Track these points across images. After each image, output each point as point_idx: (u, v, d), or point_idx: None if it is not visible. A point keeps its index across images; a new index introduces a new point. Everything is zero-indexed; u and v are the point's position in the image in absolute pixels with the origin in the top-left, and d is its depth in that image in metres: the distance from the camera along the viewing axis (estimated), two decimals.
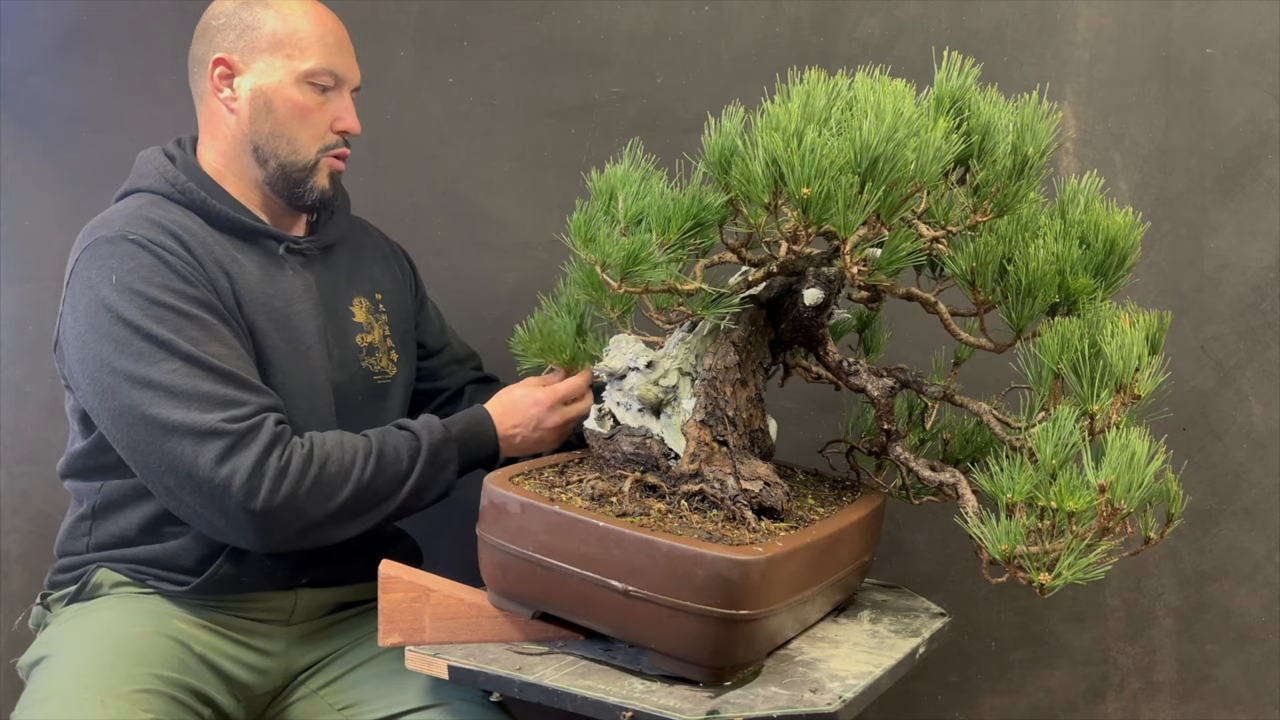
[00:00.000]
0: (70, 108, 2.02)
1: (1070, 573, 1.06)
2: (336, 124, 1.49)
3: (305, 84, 1.45)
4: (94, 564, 1.45)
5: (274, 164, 1.48)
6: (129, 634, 1.36)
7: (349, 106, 1.50)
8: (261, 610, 1.48)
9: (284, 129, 1.46)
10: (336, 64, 1.47)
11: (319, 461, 1.33)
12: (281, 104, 1.45)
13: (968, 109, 1.23)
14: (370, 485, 1.36)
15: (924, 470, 1.30)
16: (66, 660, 1.34)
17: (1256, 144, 1.71)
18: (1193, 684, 1.79)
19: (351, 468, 1.35)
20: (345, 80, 1.49)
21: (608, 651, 1.25)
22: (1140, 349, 1.16)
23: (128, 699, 1.27)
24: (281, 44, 1.45)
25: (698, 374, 1.31)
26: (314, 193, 1.50)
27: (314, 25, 1.46)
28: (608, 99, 1.89)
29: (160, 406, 1.29)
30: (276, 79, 1.45)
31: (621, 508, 1.22)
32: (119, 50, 2.00)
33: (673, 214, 1.22)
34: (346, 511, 1.35)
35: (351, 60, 1.50)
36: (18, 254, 2.07)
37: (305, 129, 1.47)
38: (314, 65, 1.45)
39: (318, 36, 1.46)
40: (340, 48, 1.48)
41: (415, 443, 1.41)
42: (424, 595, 1.29)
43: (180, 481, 1.31)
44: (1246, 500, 1.75)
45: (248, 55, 1.45)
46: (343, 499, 1.34)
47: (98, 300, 1.33)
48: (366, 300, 1.58)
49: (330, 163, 1.50)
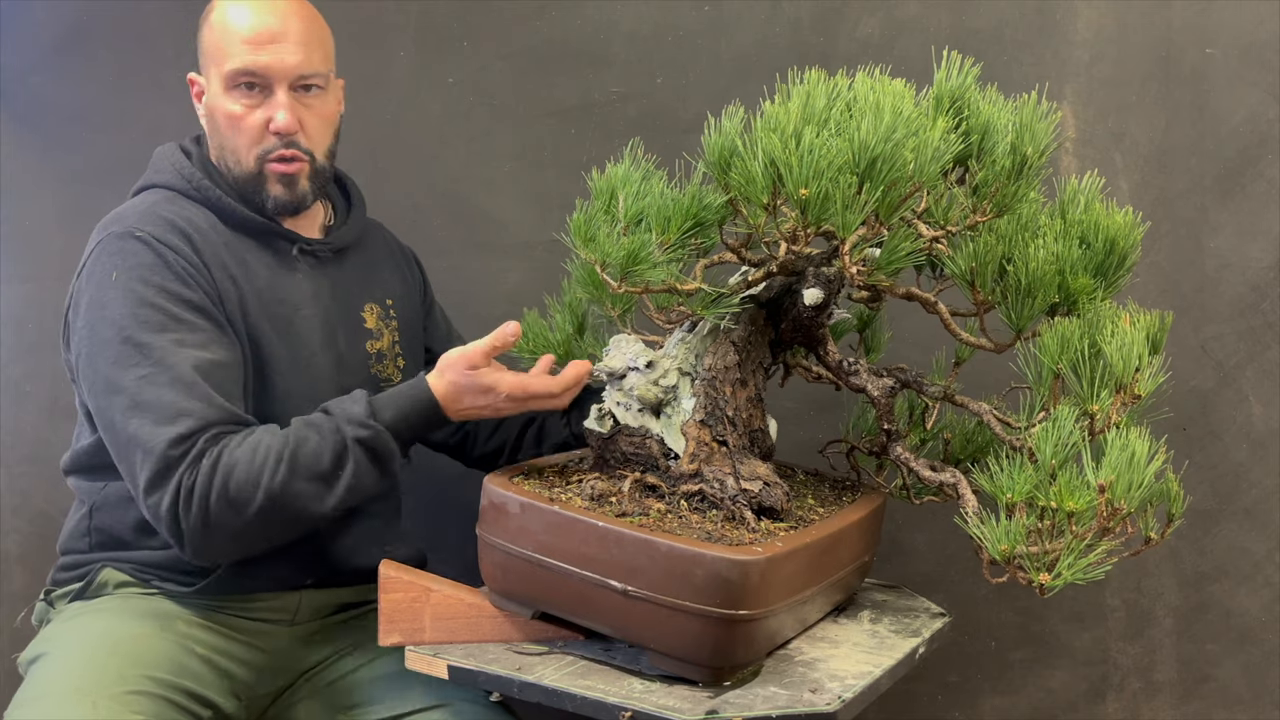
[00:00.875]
0: (70, 108, 2.02)
1: (1070, 573, 1.06)
2: (270, 126, 1.42)
3: (231, 91, 1.41)
4: (98, 563, 1.45)
5: (230, 177, 1.47)
6: (126, 635, 1.36)
7: (281, 103, 1.40)
8: (265, 610, 1.47)
9: (227, 141, 1.44)
10: (256, 61, 1.38)
11: (224, 473, 1.28)
12: (220, 116, 1.43)
13: (967, 109, 1.23)
14: (286, 490, 1.29)
15: (924, 470, 1.30)
16: (61, 659, 1.34)
17: (1256, 144, 1.71)
18: (1193, 684, 1.79)
19: (261, 473, 1.28)
20: (272, 75, 1.40)
21: (607, 651, 1.25)
22: (1140, 349, 1.16)
23: (119, 700, 1.26)
24: (213, 53, 1.42)
25: (697, 374, 1.31)
26: (271, 201, 1.45)
27: (237, 25, 1.40)
28: (608, 99, 1.89)
29: (122, 413, 1.30)
30: (214, 89, 1.43)
31: (621, 508, 1.22)
32: (119, 50, 2.00)
33: (673, 214, 1.22)
34: (268, 520, 1.30)
35: (285, 49, 1.40)
36: (18, 254, 2.07)
37: (240, 137, 1.42)
38: (230, 67, 1.39)
39: (239, 36, 1.39)
40: (265, 39, 1.39)
41: (338, 439, 1.32)
42: (424, 595, 1.29)
43: (134, 494, 1.33)
44: (1246, 500, 1.75)
45: (204, 69, 1.45)
46: (255, 508, 1.28)
47: (97, 297, 1.35)
48: (378, 306, 1.57)
49: (273, 168, 1.43)
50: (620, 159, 1.29)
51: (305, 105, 1.44)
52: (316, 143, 1.46)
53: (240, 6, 1.41)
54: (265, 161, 1.43)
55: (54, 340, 1.48)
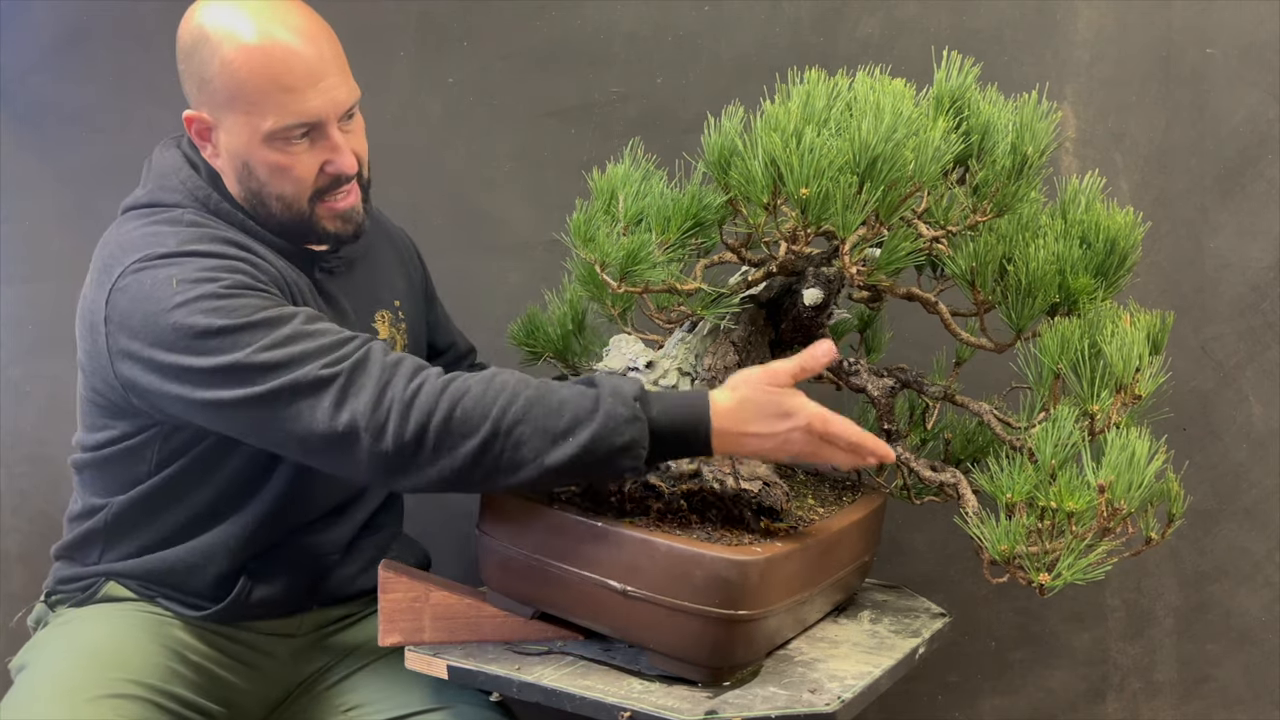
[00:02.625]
0: (70, 108, 2.02)
1: (1070, 573, 1.06)
2: (327, 168, 1.31)
3: (276, 142, 1.28)
4: (104, 576, 1.43)
5: (274, 221, 1.35)
6: (111, 640, 1.34)
7: (336, 145, 1.30)
8: (270, 626, 1.46)
9: (269, 188, 1.32)
10: (301, 110, 1.26)
11: (453, 395, 1.15)
12: (258, 165, 1.30)
13: (967, 109, 1.23)
14: (514, 431, 1.15)
15: (924, 470, 1.30)
16: (45, 664, 1.33)
17: (1256, 144, 1.71)
18: (1193, 684, 1.79)
19: (493, 405, 1.15)
20: (322, 119, 1.28)
21: (607, 651, 1.25)
22: (1141, 349, 1.16)
23: (96, 703, 1.24)
24: (235, 99, 1.27)
25: (697, 374, 1.31)
26: (329, 237, 1.37)
27: (262, 72, 1.25)
28: (608, 99, 1.88)
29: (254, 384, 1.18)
30: (244, 139, 1.29)
31: (620, 508, 1.22)
32: (119, 50, 2.00)
33: (672, 214, 1.22)
34: (479, 458, 1.15)
35: (327, 86, 1.28)
36: (18, 254, 2.07)
37: (289, 184, 1.31)
38: (273, 125, 1.27)
39: (270, 86, 1.25)
40: (303, 83, 1.26)
41: (591, 406, 1.15)
42: (424, 595, 1.29)
43: (307, 447, 1.19)
44: (1246, 500, 1.75)
45: (214, 110, 1.30)
46: (478, 440, 1.14)
47: (162, 320, 1.21)
48: (389, 313, 1.53)
49: (329, 208, 1.34)
50: (620, 159, 1.29)
51: (348, 132, 1.34)
52: (363, 162, 1.38)
53: (262, 48, 1.25)
54: (319, 202, 1.33)
55: (54, 341, 1.48)
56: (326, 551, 1.47)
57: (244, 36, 1.26)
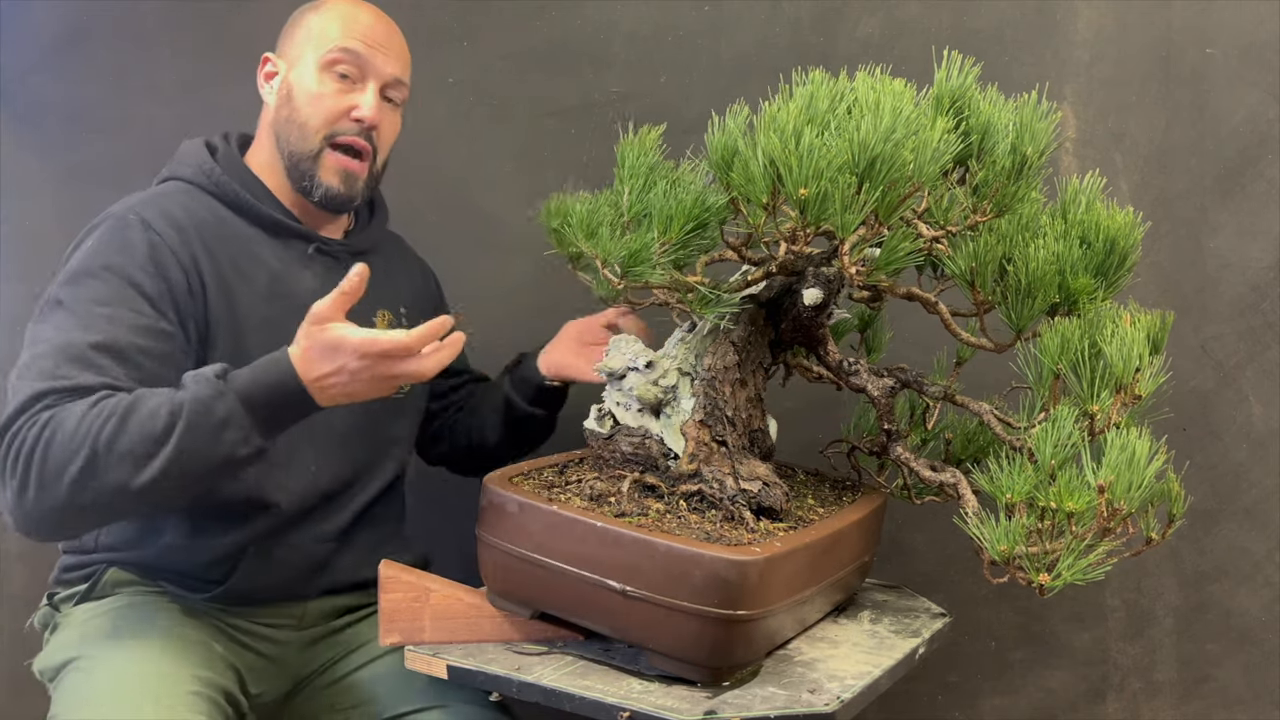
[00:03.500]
0: (70, 108, 2.02)
1: (1070, 573, 1.06)
2: (353, 111, 1.45)
3: (324, 71, 1.45)
4: (102, 563, 1.44)
5: (286, 152, 1.47)
6: (163, 634, 1.35)
7: (370, 98, 1.46)
8: (273, 616, 1.48)
9: (297, 114, 1.46)
10: (358, 47, 1.45)
11: (53, 427, 1.18)
12: (300, 91, 1.46)
13: (967, 109, 1.23)
14: (112, 450, 1.16)
15: (924, 470, 1.30)
16: (105, 661, 1.32)
17: (1256, 144, 1.71)
18: (1193, 684, 1.79)
19: (90, 428, 1.17)
20: (369, 67, 1.46)
21: (606, 651, 1.25)
22: (1141, 349, 1.16)
23: (181, 700, 1.25)
24: (313, 37, 1.47)
25: (697, 374, 1.31)
26: (320, 188, 1.46)
27: (346, 17, 1.47)
28: (608, 99, 1.88)
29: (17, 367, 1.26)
30: (301, 69, 1.46)
31: (620, 508, 1.22)
32: (119, 50, 2.00)
33: (675, 214, 1.22)
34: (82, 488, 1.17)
35: (386, 54, 1.47)
36: (18, 254, 2.07)
37: (315, 114, 1.45)
38: (336, 46, 1.44)
39: (348, 28, 1.46)
40: (371, 38, 1.46)
41: (180, 399, 1.19)
42: (424, 595, 1.29)
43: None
44: (1246, 500, 1.75)
45: (288, 51, 1.49)
46: (76, 469, 1.16)
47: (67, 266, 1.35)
48: (389, 313, 1.57)
49: (336, 158, 1.46)
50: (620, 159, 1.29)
51: (383, 110, 1.49)
52: (381, 147, 1.51)
53: (356, 7, 1.49)
54: (331, 143, 1.45)
55: None
56: (323, 539, 1.49)
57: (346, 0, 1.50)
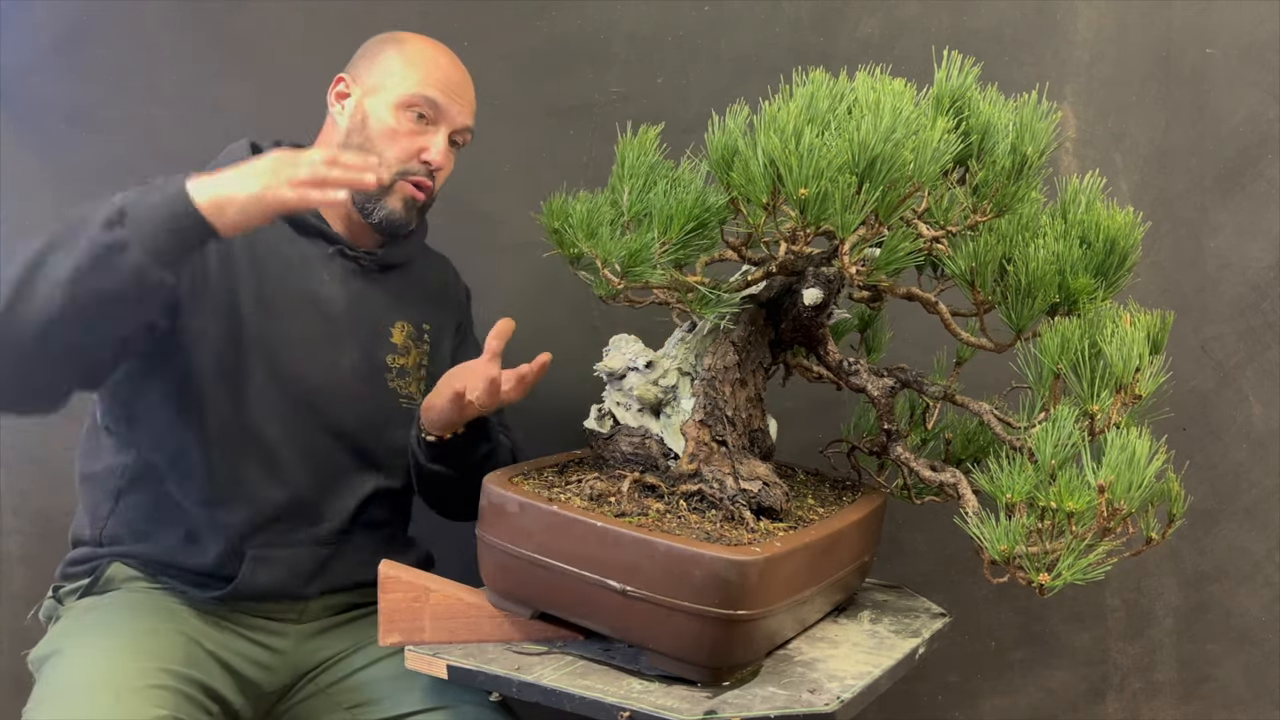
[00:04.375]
0: (70, 108, 2.02)
1: (1070, 573, 1.06)
2: (423, 154, 1.50)
3: (403, 109, 1.49)
4: (106, 558, 1.46)
5: None
6: (141, 628, 1.37)
7: (440, 143, 1.51)
8: (274, 609, 1.49)
9: (372, 145, 1.49)
10: (438, 97, 1.50)
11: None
12: (376, 123, 1.49)
13: (967, 109, 1.23)
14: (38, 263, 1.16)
15: (924, 470, 1.30)
16: (78, 655, 1.34)
17: (1256, 144, 1.70)
18: (1193, 684, 1.79)
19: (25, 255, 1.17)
20: (443, 115, 1.51)
21: (606, 651, 1.25)
22: (1141, 349, 1.16)
23: (140, 694, 1.26)
24: (394, 73, 1.51)
25: (697, 374, 1.31)
26: (383, 211, 1.51)
27: (429, 63, 1.52)
28: (608, 99, 1.88)
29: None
30: (379, 100, 1.50)
31: (620, 508, 1.22)
32: (119, 50, 2.00)
33: (675, 214, 1.22)
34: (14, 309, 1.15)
35: (460, 105, 1.53)
36: None
37: (390, 149, 1.49)
38: (418, 92, 1.49)
39: (428, 72, 1.51)
40: (449, 88, 1.52)
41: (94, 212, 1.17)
42: (424, 595, 1.29)
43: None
44: (1246, 500, 1.75)
45: (366, 78, 1.52)
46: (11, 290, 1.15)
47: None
48: (410, 325, 1.58)
49: (405, 188, 1.50)
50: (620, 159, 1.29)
51: (448, 154, 1.55)
52: (437, 181, 1.55)
53: (438, 52, 1.55)
54: (402, 179, 1.50)
55: None
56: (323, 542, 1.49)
57: (425, 41, 1.57)
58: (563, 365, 1.52)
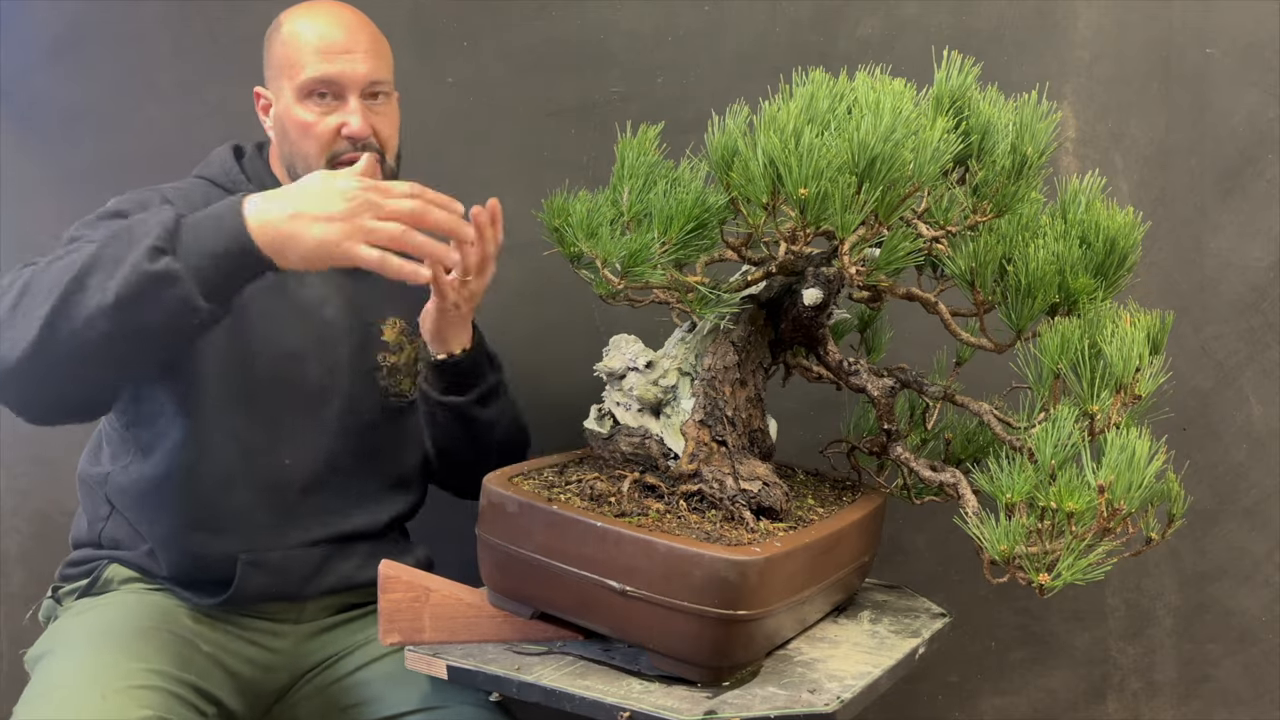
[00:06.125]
0: (70, 108, 2.02)
1: (1070, 573, 1.06)
2: (344, 130, 1.45)
3: (304, 100, 1.45)
4: (105, 559, 1.47)
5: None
6: (132, 629, 1.37)
7: (353, 109, 1.45)
8: (271, 611, 1.49)
9: (296, 148, 1.47)
10: (329, 70, 1.43)
11: (26, 277, 1.16)
12: (291, 125, 1.46)
13: (967, 109, 1.23)
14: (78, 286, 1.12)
15: (924, 470, 1.30)
16: (67, 655, 1.34)
17: (1256, 144, 1.70)
18: (1193, 684, 1.79)
19: (63, 273, 1.13)
20: (345, 83, 1.44)
21: (606, 651, 1.25)
22: (1141, 349, 1.16)
23: (125, 694, 1.26)
24: (284, 66, 1.46)
25: (697, 374, 1.31)
26: None
27: (309, 37, 1.44)
28: (608, 99, 1.88)
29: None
30: (284, 102, 1.47)
31: (620, 508, 1.22)
32: (119, 50, 2.00)
33: (675, 214, 1.22)
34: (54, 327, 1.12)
35: (355, 63, 1.45)
36: (18, 254, 2.06)
37: (310, 144, 1.45)
38: (304, 78, 1.43)
39: (311, 48, 1.44)
40: (334, 54, 1.44)
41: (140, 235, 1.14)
42: (424, 595, 1.29)
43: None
44: (1246, 500, 1.75)
45: (271, 84, 1.49)
46: (49, 307, 1.12)
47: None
48: (402, 321, 1.56)
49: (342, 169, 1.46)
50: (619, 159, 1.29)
51: (374, 112, 1.48)
52: (386, 144, 1.49)
53: (309, 21, 1.47)
54: (335, 164, 1.43)
55: None
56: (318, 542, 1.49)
57: (296, 15, 1.49)
58: (563, 365, 1.52)
